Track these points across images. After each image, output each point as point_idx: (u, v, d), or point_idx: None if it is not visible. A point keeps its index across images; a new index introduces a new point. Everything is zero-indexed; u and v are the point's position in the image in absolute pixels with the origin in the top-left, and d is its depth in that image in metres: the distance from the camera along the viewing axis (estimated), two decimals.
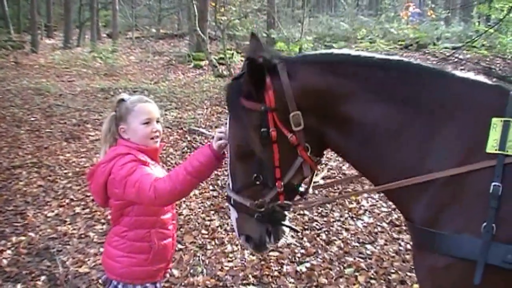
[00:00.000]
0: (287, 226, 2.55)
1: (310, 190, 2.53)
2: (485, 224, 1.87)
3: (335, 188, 6.89)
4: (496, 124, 1.94)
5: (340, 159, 7.80)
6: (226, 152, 2.56)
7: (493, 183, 1.88)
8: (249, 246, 2.54)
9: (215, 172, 7.73)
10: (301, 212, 6.39)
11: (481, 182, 1.91)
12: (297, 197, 2.51)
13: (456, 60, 16.67)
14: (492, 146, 1.93)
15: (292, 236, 5.15)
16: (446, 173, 1.98)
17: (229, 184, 2.46)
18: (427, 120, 2.07)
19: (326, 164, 7.88)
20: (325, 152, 2.48)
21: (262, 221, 2.43)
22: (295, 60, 2.33)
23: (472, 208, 1.93)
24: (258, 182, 2.32)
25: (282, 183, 2.31)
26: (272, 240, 2.50)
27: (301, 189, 2.49)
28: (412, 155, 2.09)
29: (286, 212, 2.49)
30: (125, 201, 2.81)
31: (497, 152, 1.91)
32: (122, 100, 2.96)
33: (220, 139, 2.58)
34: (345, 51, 2.32)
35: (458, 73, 2.18)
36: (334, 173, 7.56)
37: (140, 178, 2.67)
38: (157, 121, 2.96)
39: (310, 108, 2.22)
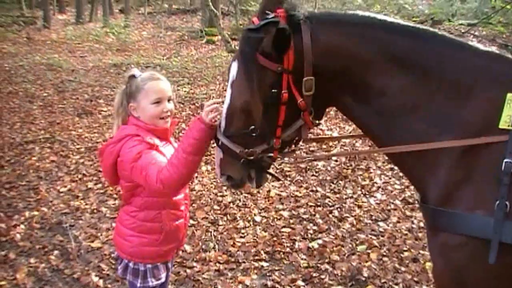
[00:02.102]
0: (270, 174, 2.54)
1: (300, 143, 2.50)
2: (498, 202, 1.82)
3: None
4: (511, 100, 1.88)
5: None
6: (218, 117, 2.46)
7: (506, 160, 1.83)
8: (228, 185, 2.52)
9: None
10: (314, 188, 6.37)
11: (493, 160, 1.87)
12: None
13: (471, 36, 16.43)
14: (505, 121, 1.88)
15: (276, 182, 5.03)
16: (449, 144, 1.93)
17: (220, 125, 2.38)
18: (446, 94, 2.02)
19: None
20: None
21: (247, 166, 2.39)
22: (320, 19, 2.19)
23: (484, 186, 1.90)
24: (254, 134, 2.25)
25: (280, 141, 2.28)
26: (254, 184, 2.48)
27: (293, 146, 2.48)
28: (429, 129, 2.04)
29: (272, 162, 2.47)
30: (134, 183, 2.77)
31: (510, 127, 1.85)
32: (133, 76, 2.85)
33: (212, 111, 2.45)
34: (371, 14, 2.24)
35: (481, 46, 2.12)
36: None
37: (146, 168, 2.60)
38: (169, 100, 2.85)
39: (328, 73, 2.15)
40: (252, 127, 2.24)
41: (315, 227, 5.43)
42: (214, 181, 6.68)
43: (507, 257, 1.84)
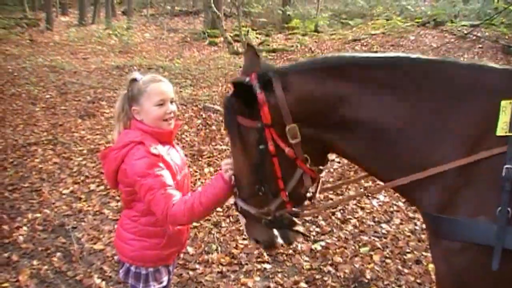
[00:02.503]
0: (296, 232, 2.53)
1: (317, 195, 2.50)
2: (500, 208, 1.82)
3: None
4: (506, 106, 1.89)
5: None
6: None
7: (506, 166, 1.83)
8: (260, 247, 2.59)
9: (230, 149, 7.73)
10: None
11: (493, 166, 1.86)
12: (306, 202, 2.47)
13: (474, 38, 16.41)
14: (502, 128, 1.87)
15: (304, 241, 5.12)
16: (454, 164, 1.93)
17: (236, 192, 2.48)
18: (434, 110, 2.02)
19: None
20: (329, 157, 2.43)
21: (271, 226, 2.44)
22: (289, 70, 2.24)
23: (485, 192, 1.89)
24: (261, 193, 2.31)
25: (286, 193, 2.29)
26: (283, 243, 2.51)
27: (309, 194, 2.45)
28: (422, 147, 2.03)
29: (295, 218, 2.48)
30: (134, 189, 2.75)
31: (508, 134, 1.85)
32: (135, 80, 2.83)
33: (228, 170, 2.52)
34: (339, 54, 2.28)
35: (461, 60, 2.14)
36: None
37: (154, 193, 2.60)
38: (172, 102, 2.83)
39: (308, 118, 2.17)
40: (257, 186, 2.31)
41: (317, 229, 5.42)
42: None
43: (510, 263, 1.83)
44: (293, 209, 2.37)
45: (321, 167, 2.33)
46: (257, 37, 20.93)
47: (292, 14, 21.58)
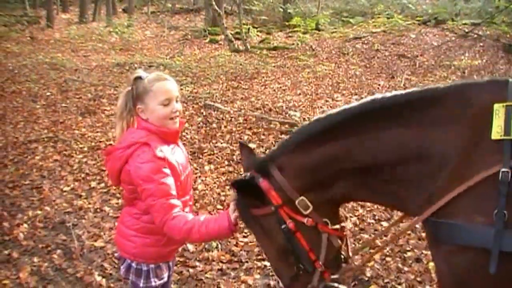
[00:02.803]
0: None
1: (351, 255, 2.55)
2: (496, 211, 1.82)
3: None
4: (499, 110, 1.90)
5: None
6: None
7: (502, 170, 1.83)
8: None
9: (230, 147, 7.73)
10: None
11: (489, 170, 1.86)
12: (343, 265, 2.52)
13: (475, 36, 16.40)
14: (497, 132, 1.88)
15: None
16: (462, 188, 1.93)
17: (278, 282, 2.62)
18: (428, 132, 2.05)
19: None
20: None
21: None
22: (279, 154, 2.34)
23: (482, 196, 1.89)
24: (301, 272, 2.36)
25: (320, 263, 2.33)
26: None
27: (342, 257, 2.50)
28: (429, 166, 2.06)
29: (339, 285, 2.48)
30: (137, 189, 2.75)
31: (503, 137, 1.85)
32: (139, 78, 2.79)
33: (234, 211, 2.54)
34: (312, 120, 2.34)
35: (443, 83, 2.18)
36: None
37: (156, 200, 2.62)
38: (177, 100, 2.81)
39: (311, 185, 2.26)
40: (295, 266, 2.36)
41: None
42: (217, 181, 6.69)
43: (509, 265, 1.84)
44: (333, 276, 2.40)
45: (343, 224, 2.42)
46: (258, 35, 20.91)
47: (293, 12, 21.54)
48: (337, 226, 2.36)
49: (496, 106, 1.89)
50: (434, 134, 2.03)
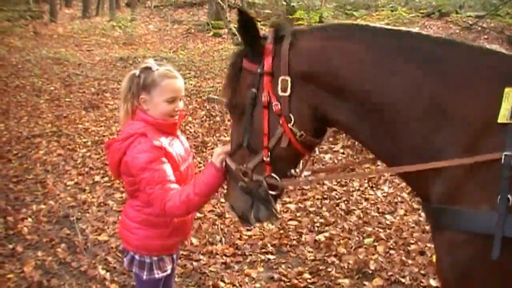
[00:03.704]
0: (268, 207, 2.45)
1: (303, 173, 2.45)
2: (500, 196, 1.80)
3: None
4: (509, 93, 1.85)
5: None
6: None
7: (505, 153, 1.80)
8: (234, 216, 2.58)
9: None
10: (321, 181, 6.34)
11: (493, 153, 1.83)
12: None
13: (479, 29, 16.32)
14: (503, 115, 1.84)
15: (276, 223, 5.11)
16: (460, 162, 1.90)
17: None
18: (441, 90, 1.98)
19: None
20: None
21: (245, 193, 2.41)
22: (303, 30, 2.29)
23: (486, 181, 1.86)
24: (244, 145, 2.31)
25: (268, 153, 2.26)
26: (252, 217, 2.47)
27: (293, 171, 2.41)
28: (427, 129, 1.99)
29: (272, 193, 2.39)
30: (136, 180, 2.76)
31: (508, 121, 1.83)
32: (149, 68, 2.79)
33: (220, 154, 2.53)
34: (352, 24, 2.27)
35: (470, 42, 2.09)
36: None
37: (153, 187, 2.63)
38: (180, 99, 2.85)
39: (305, 75, 2.16)
40: (241, 138, 2.32)
41: (322, 220, 5.42)
42: None
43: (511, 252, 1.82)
44: (272, 174, 2.31)
45: (311, 138, 2.27)
46: (262, 28, 20.78)
47: (296, 5, 21.44)
48: (299, 132, 2.21)
49: (507, 89, 1.86)
50: (456, 95, 1.96)
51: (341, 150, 7.29)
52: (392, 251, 4.78)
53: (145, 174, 2.63)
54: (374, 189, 6.18)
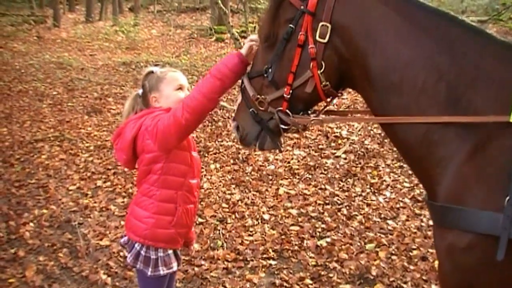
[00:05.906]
0: (274, 139, 2.47)
1: (321, 115, 2.46)
2: (508, 198, 1.79)
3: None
4: None
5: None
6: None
7: None
8: (236, 136, 2.57)
9: (236, 146, 7.72)
10: (322, 186, 6.35)
11: (502, 155, 1.83)
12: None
13: None
14: None
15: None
16: (458, 119, 1.91)
17: (247, 70, 2.51)
18: (461, 75, 1.96)
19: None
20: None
21: (254, 119, 2.43)
22: None
23: (494, 181, 1.84)
24: (266, 75, 2.31)
25: (290, 91, 2.27)
26: (257, 144, 2.48)
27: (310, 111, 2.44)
28: (441, 110, 1.98)
29: (283, 127, 2.39)
30: (156, 153, 2.80)
31: None
32: (151, 72, 3.02)
33: (250, 41, 2.56)
34: None
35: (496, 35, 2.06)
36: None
37: (160, 116, 2.75)
38: (188, 89, 3.02)
39: (345, 28, 2.14)
40: (267, 66, 2.30)
41: (323, 225, 5.41)
42: (222, 180, 6.69)
43: None
44: (287, 110, 2.32)
45: (331, 89, 2.27)
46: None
47: None
48: (325, 81, 2.21)
49: None
50: (475, 83, 1.95)
51: (343, 156, 7.29)
52: (394, 257, 4.77)
53: (163, 114, 2.75)
54: (376, 194, 6.17)
